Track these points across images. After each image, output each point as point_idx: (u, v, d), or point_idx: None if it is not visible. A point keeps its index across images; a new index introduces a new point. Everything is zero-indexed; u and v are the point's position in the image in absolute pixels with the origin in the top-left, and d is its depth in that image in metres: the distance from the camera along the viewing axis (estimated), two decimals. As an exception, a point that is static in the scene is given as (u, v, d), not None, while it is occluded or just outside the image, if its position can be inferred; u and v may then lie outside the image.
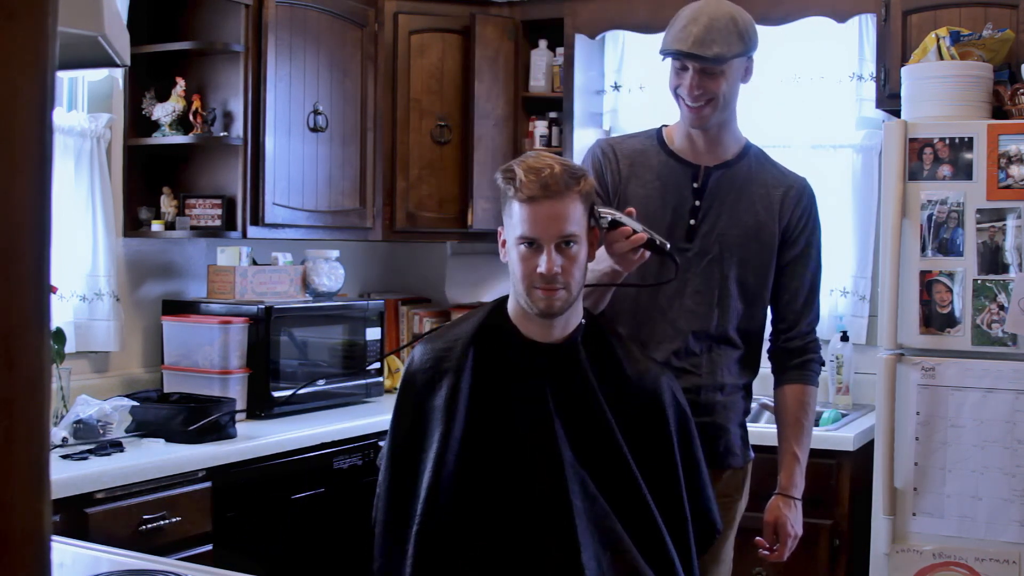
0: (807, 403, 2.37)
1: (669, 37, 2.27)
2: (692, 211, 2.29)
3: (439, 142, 4.06)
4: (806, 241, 2.34)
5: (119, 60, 1.58)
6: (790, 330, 2.36)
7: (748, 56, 2.32)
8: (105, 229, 3.34)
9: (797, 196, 2.33)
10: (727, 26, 2.24)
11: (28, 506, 0.54)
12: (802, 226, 2.33)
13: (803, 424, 2.37)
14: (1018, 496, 3.03)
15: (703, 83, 2.24)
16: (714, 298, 2.28)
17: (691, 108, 2.28)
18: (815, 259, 2.36)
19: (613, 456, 1.93)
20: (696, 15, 2.25)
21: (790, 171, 2.41)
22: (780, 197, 2.32)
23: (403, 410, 2.01)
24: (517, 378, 1.96)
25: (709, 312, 2.27)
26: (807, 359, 2.37)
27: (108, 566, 1.83)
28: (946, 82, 3.19)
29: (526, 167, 1.93)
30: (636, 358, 2.04)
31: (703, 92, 2.25)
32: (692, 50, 2.21)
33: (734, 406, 2.35)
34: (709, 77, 2.25)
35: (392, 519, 1.96)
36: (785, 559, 2.42)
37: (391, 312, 4.26)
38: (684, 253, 2.25)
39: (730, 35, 2.24)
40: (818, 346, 2.41)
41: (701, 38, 2.21)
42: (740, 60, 2.30)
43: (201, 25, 3.50)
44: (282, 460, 3.09)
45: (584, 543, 1.84)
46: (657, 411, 1.99)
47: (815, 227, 2.36)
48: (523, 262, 1.94)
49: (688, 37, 2.22)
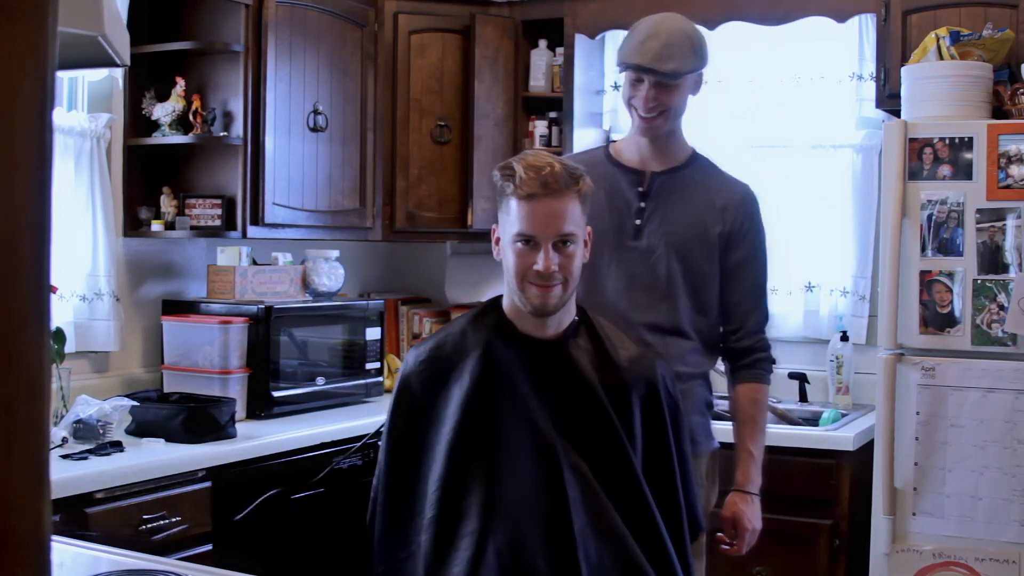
0: (759, 400, 2.45)
1: (626, 50, 2.38)
2: (638, 212, 2.40)
3: (439, 142, 4.06)
4: (749, 245, 2.43)
5: (119, 60, 1.58)
6: (739, 331, 2.45)
7: (700, 70, 2.44)
8: (105, 229, 3.34)
9: (740, 202, 2.44)
10: (684, 42, 2.36)
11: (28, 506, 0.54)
12: (744, 230, 2.42)
13: (756, 421, 2.44)
14: (1018, 496, 3.03)
15: (658, 96, 2.36)
16: (661, 292, 2.38)
17: (644, 119, 2.40)
18: (759, 262, 2.46)
19: (610, 448, 1.94)
20: (655, 30, 2.35)
21: (735, 179, 2.52)
22: (723, 203, 2.43)
23: (400, 413, 2.01)
24: (514, 372, 1.96)
25: (659, 305, 2.37)
26: (757, 358, 2.45)
27: (108, 566, 1.83)
28: (946, 82, 3.19)
29: (526, 164, 1.93)
30: (629, 347, 2.05)
31: (658, 104, 2.37)
32: (651, 65, 2.32)
33: (691, 394, 2.39)
34: (664, 90, 2.36)
35: (392, 520, 1.96)
36: (744, 552, 2.48)
37: (391, 312, 4.26)
38: (631, 251, 2.38)
39: (686, 51, 2.36)
40: (767, 345, 2.48)
41: (659, 53, 2.32)
42: (693, 74, 2.41)
43: (201, 25, 3.50)
44: (282, 460, 3.09)
45: (581, 535, 1.84)
46: (651, 400, 2.00)
47: (758, 231, 2.46)
48: (519, 259, 1.94)
49: (647, 52, 2.32)
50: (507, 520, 1.87)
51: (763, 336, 2.47)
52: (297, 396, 3.47)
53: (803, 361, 3.98)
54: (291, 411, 3.43)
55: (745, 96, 4.07)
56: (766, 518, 3.33)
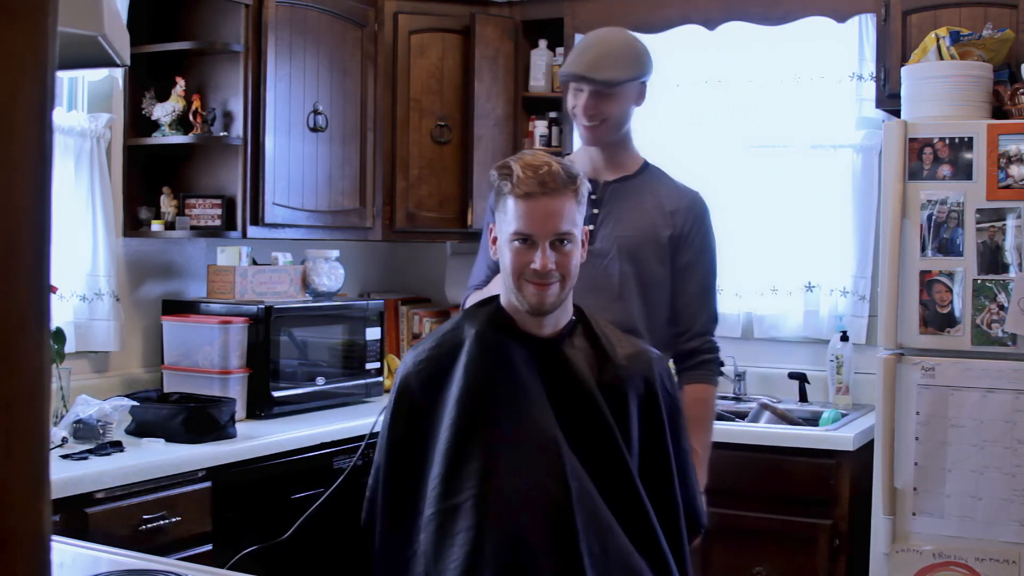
0: (706, 400, 2.51)
1: (567, 61, 2.48)
2: (591, 219, 2.45)
3: (439, 142, 4.06)
4: (696, 248, 2.49)
5: (119, 60, 1.58)
6: (686, 332, 2.50)
7: (641, 81, 2.49)
8: (105, 229, 3.34)
9: (688, 207, 2.50)
10: (622, 52, 2.43)
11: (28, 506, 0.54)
12: (692, 234, 2.49)
13: (702, 421, 2.48)
14: (1018, 496, 3.03)
15: (597, 104, 2.43)
16: (615, 293, 2.43)
17: (586, 128, 2.46)
18: (706, 265, 2.52)
19: (606, 450, 1.93)
20: (594, 42, 2.46)
21: (685, 186, 2.58)
22: (673, 208, 2.49)
23: (399, 413, 2.00)
24: (514, 371, 1.96)
25: (611, 305, 2.40)
26: (703, 359, 2.50)
27: (108, 566, 1.83)
28: (946, 82, 3.19)
29: (523, 164, 1.93)
30: (626, 346, 2.05)
31: (597, 112, 2.43)
32: (587, 73, 2.40)
33: None
34: (603, 99, 2.42)
35: (394, 521, 1.96)
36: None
37: (391, 312, 4.27)
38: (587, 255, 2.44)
39: (623, 61, 2.42)
40: (714, 346, 2.53)
41: (594, 62, 2.40)
42: (633, 84, 2.46)
43: (201, 25, 3.50)
44: (282, 460, 3.09)
45: (583, 532, 1.84)
46: (649, 398, 2.00)
47: (705, 235, 2.51)
48: (516, 257, 1.94)
49: (584, 61, 2.42)
50: (507, 515, 1.87)
51: (710, 338, 2.52)
52: (297, 396, 3.47)
53: (803, 361, 3.98)
54: (291, 411, 3.43)
55: (745, 96, 4.07)
56: (766, 518, 3.35)
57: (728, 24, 3.86)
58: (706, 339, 2.51)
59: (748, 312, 4.07)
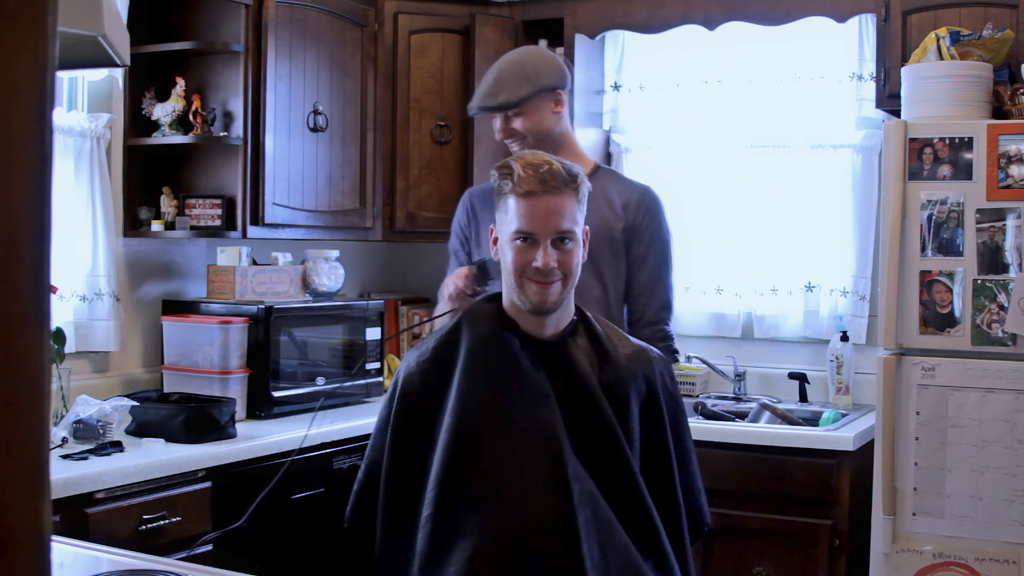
0: None
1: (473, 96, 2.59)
2: None
3: (439, 142, 4.06)
4: (648, 239, 2.54)
5: (119, 60, 1.58)
6: (639, 320, 2.54)
7: (547, 90, 2.53)
8: (105, 229, 3.34)
9: (639, 200, 2.55)
10: (514, 72, 2.49)
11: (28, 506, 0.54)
12: (643, 226, 2.53)
13: None
14: (1018, 496, 3.03)
15: (509, 126, 2.52)
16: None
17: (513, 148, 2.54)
18: (657, 255, 2.55)
19: (609, 448, 1.93)
20: (491, 70, 2.54)
21: (636, 181, 2.66)
22: (624, 202, 2.55)
23: (401, 413, 2.00)
24: (516, 371, 1.96)
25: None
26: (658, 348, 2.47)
27: (108, 566, 1.83)
28: (946, 82, 3.19)
29: (524, 163, 1.93)
30: (628, 346, 2.05)
31: (513, 133, 2.52)
32: (483, 104, 2.51)
33: None
34: (514, 119, 2.51)
35: (395, 521, 1.96)
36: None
37: (391, 312, 4.27)
38: None
39: (516, 80, 2.49)
40: (666, 334, 2.54)
41: (489, 90, 2.50)
42: (540, 96, 2.51)
43: (201, 25, 3.50)
44: (282, 460, 3.09)
45: (584, 533, 1.84)
46: (651, 398, 2.00)
47: (656, 227, 2.56)
48: (518, 256, 1.94)
49: (481, 93, 2.52)
50: (507, 518, 1.87)
51: (662, 326, 2.54)
52: (297, 396, 3.47)
53: (803, 361, 3.98)
54: (291, 411, 3.43)
55: (745, 96, 4.07)
56: (767, 518, 3.35)
57: (728, 24, 3.86)
58: (658, 327, 2.53)
59: (748, 312, 4.08)
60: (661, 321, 2.54)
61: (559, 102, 2.54)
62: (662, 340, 2.50)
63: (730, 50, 4.04)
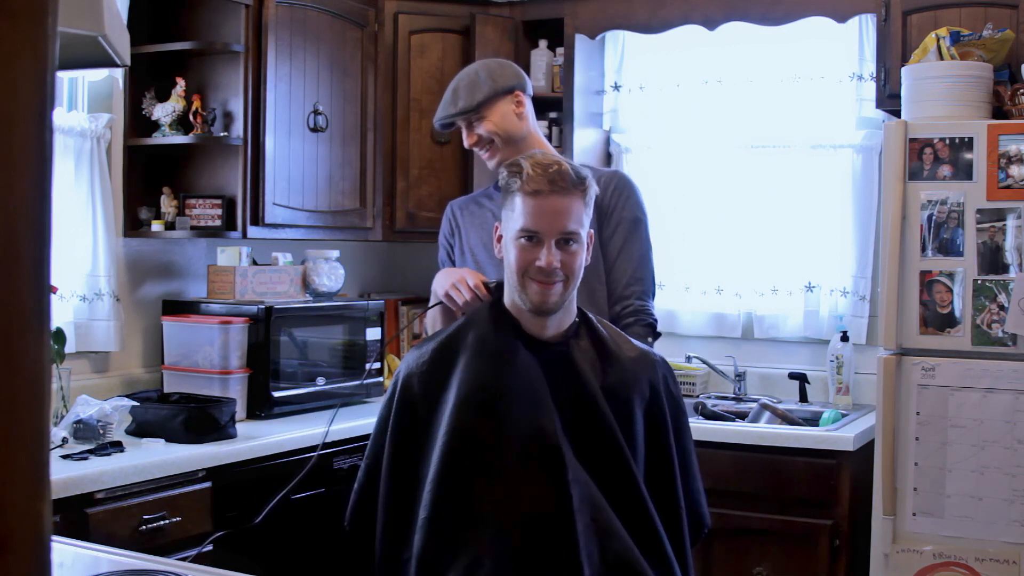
0: None
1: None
2: None
3: (439, 142, 4.06)
4: (617, 219, 2.52)
5: (119, 60, 1.58)
6: (618, 301, 2.50)
7: (504, 92, 2.55)
8: (105, 229, 3.34)
9: (606, 182, 2.52)
10: (470, 80, 2.55)
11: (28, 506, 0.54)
12: (616, 207, 2.52)
13: None
14: (1018, 496, 3.03)
15: (472, 132, 2.56)
16: None
17: (484, 157, 2.59)
18: (625, 231, 2.52)
19: (610, 452, 1.93)
20: (450, 85, 2.59)
21: (605, 168, 2.67)
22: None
23: (401, 413, 1.99)
24: (515, 372, 1.96)
25: None
26: (629, 323, 2.46)
27: (108, 566, 1.83)
28: (946, 82, 3.19)
29: (533, 162, 1.94)
30: (629, 348, 2.05)
31: (479, 138, 2.55)
32: (443, 115, 2.56)
33: None
34: (476, 125, 2.55)
35: (395, 523, 1.96)
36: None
37: (391, 312, 4.26)
38: None
39: (472, 86, 2.54)
40: (645, 315, 2.48)
41: (448, 100, 2.56)
42: (499, 98, 2.54)
43: (201, 25, 3.50)
44: (282, 460, 3.09)
45: (583, 536, 1.84)
46: (653, 402, 2.00)
47: (624, 205, 2.53)
48: (521, 254, 1.93)
49: (442, 105, 2.57)
50: (506, 523, 1.87)
51: (641, 306, 2.48)
52: (297, 396, 3.47)
53: (803, 361, 3.98)
54: (291, 411, 3.43)
55: (745, 96, 4.07)
56: (767, 518, 3.35)
57: (728, 24, 3.86)
58: (637, 306, 2.47)
59: (748, 312, 4.08)
60: (632, 296, 2.48)
61: (520, 103, 2.56)
62: (641, 322, 2.46)
63: (730, 50, 4.04)
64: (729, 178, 4.08)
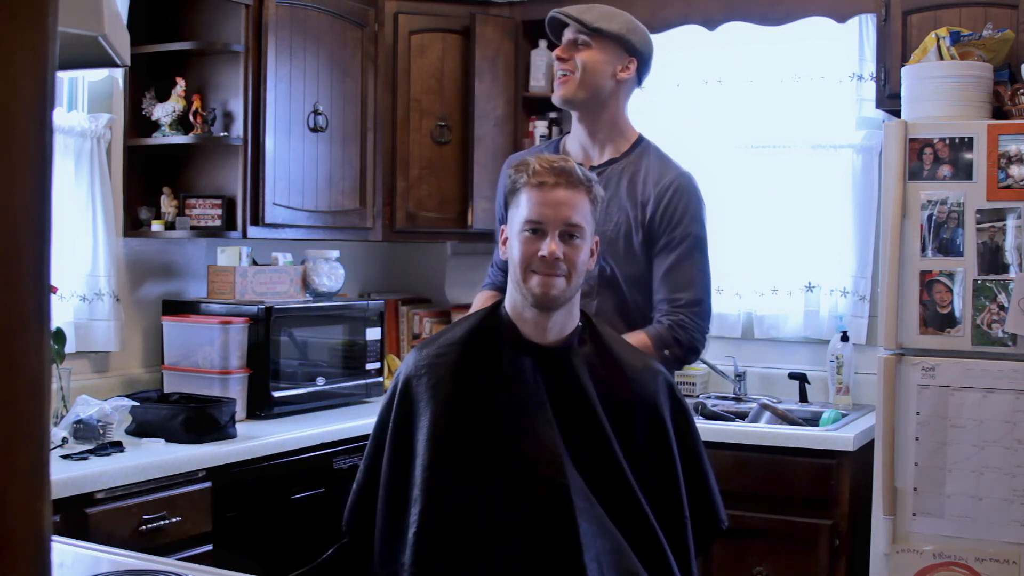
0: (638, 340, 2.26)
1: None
2: None
3: (439, 142, 4.06)
4: (672, 229, 2.34)
5: (119, 60, 1.58)
6: (660, 305, 2.34)
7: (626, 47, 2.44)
8: (105, 229, 3.34)
9: (666, 187, 2.36)
10: (613, 12, 2.46)
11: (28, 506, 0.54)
12: (671, 216, 2.34)
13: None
14: (1018, 496, 3.03)
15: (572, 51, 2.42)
16: (588, 289, 2.27)
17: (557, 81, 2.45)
18: (680, 244, 2.34)
19: (606, 459, 1.92)
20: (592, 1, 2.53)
21: (673, 164, 2.43)
22: (652, 189, 2.36)
23: (400, 416, 1.99)
24: (514, 379, 1.95)
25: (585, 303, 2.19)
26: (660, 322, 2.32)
27: (108, 566, 1.83)
28: (946, 82, 3.19)
29: (541, 158, 1.97)
30: (632, 358, 2.04)
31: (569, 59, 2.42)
32: (567, 11, 2.42)
33: None
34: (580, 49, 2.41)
35: (395, 524, 1.96)
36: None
37: (391, 312, 4.26)
38: None
39: (610, 16, 2.43)
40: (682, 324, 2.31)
41: (582, 9, 2.43)
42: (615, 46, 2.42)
43: (201, 25, 3.50)
44: (282, 460, 3.09)
45: (586, 543, 1.83)
46: (654, 412, 1.99)
47: (682, 217, 2.35)
48: (525, 246, 1.93)
49: (572, 6, 2.46)
50: (505, 530, 1.86)
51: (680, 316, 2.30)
52: (297, 396, 3.47)
53: (803, 361, 3.98)
54: (291, 411, 3.43)
55: (745, 96, 4.07)
56: (767, 518, 3.35)
57: (728, 24, 3.86)
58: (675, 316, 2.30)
59: (748, 312, 4.08)
60: (673, 302, 2.31)
61: (627, 69, 2.42)
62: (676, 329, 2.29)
63: (730, 50, 4.04)
64: (729, 178, 4.08)
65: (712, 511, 2.08)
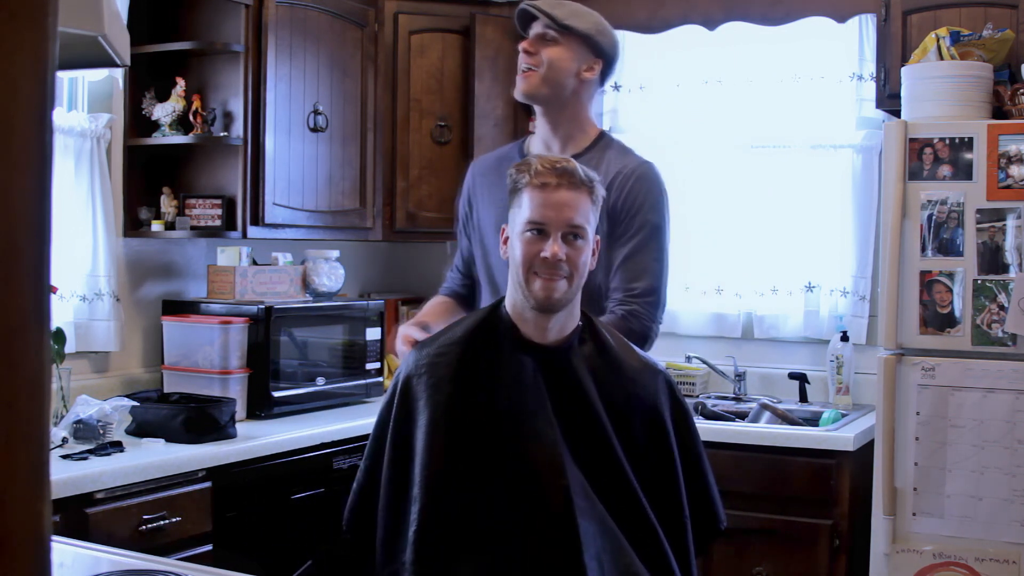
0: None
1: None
2: None
3: (439, 142, 4.06)
4: (631, 218, 2.31)
5: (119, 60, 1.58)
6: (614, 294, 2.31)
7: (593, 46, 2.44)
8: (105, 229, 3.34)
9: (627, 176, 2.33)
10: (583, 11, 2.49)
11: (28, 506, 0.54)
12: (630, 205, 2.31)
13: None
14: (1018, 496, 3.03)
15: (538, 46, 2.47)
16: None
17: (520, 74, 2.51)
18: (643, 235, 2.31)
19: (606, 459, 1.92)
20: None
21: (634, 156, 2.41)
22: (611, 181, 2.30)
23: (400, 416, 1.99)
24: (515, 379, 1.95)
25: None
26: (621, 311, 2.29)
27: (108, 566, 1.83)
28: (946, 82, 3.19)
29: (542, 159, 1.96)
30: (633, 358, 2.04)
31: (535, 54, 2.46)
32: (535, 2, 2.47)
33: None
34: (546, 44, 2.44)
35: (395, 525, 1.96)
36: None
37: (391, 312, 4.26)
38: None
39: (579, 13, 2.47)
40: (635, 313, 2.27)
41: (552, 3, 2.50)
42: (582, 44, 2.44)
43: (201, 25, 3.50)
44: (282, 460, 3.09)
45: (586, 543, 1.83)
46: (654, 412, 1.99)
47: (641, 206, 2.32)
48: (527, 247, 1.92)
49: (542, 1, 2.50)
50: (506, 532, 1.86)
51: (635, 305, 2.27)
52: (297, 396, 3.47)
53: (803, 361, 3.98)
54: (291, 411, 3.43)
55: (745, 96, 4.07)
56: (767, 518, 3.35)
57: (728, 24, 3.86)
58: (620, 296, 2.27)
59: (748, 312, 4.08)
60: (627, 291, 2.28)
61: (591, 69, 2.41)
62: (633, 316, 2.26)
63: (730, 50, 4.04)
64: (729, 178, 4.08)
65: (711, 511, 2.08)
